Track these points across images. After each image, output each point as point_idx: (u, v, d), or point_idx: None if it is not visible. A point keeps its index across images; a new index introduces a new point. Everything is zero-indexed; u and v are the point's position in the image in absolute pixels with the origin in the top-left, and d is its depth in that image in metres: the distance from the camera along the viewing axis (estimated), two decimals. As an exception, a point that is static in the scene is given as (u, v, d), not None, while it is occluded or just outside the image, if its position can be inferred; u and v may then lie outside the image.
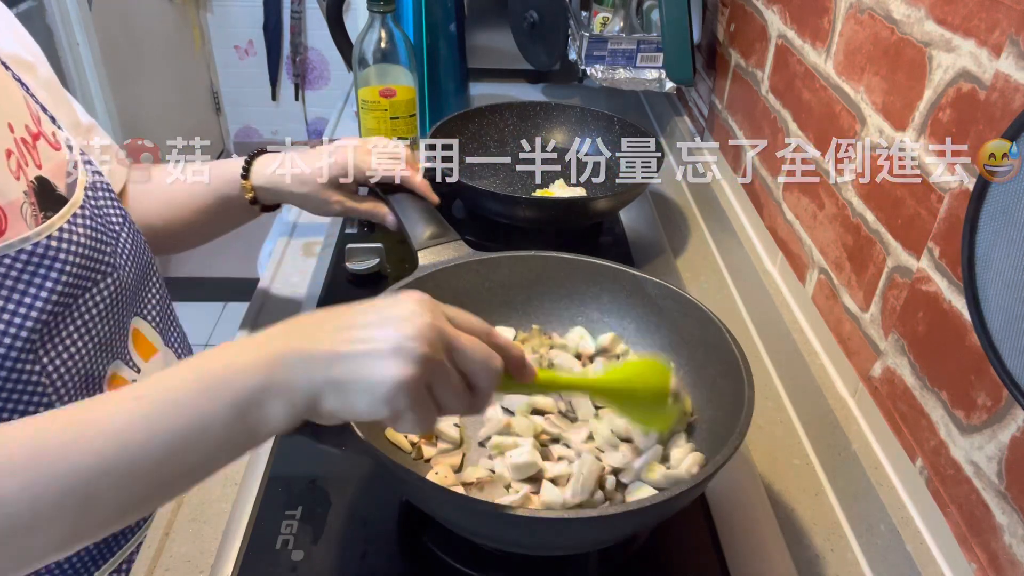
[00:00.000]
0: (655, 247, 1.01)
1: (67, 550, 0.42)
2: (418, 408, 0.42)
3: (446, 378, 0.43)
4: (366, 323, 0.43)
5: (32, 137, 0.59)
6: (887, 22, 0.64)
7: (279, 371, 0.42)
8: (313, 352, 0.42)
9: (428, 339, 0.42)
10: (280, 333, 0.44)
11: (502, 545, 0.56)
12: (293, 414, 0.42)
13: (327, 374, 0.42)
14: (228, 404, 0.41)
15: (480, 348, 0.45)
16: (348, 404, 0.42)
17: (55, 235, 0.57)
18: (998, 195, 0.44)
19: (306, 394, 0.42)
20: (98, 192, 0.64)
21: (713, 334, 0.63)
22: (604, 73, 1.17)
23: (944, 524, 0.54)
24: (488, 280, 0.73)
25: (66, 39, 2.13)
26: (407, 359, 0.41)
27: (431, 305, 0.44)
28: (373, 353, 0.41)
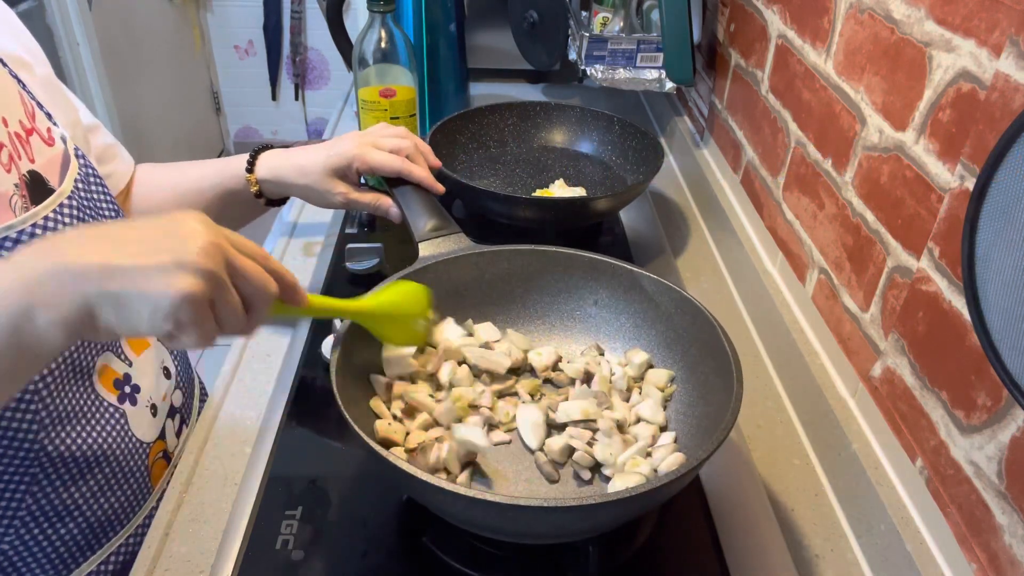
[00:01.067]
0: (655, 247, 1.01)
1: None
2: (200, 324, 0.43)
3: (227, 296, 0.44)
4: (145, 238, 0.43)
5: (26, 132, 0.59)
6: (887, 22, 0.64)
7: (46, 286, 0.41)
8: (84, 264, 0.41)
9: (212, 256, 0.42)
10: (42, 249, 0.43)
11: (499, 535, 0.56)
12: (68, 330, 0.41)
13: (102, 286, 0.41)
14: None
15: (259, 271, 0.46)
16: (127, 318, 0.42)
17: (40, 223, 0.57)
18: (998, 195, 0.44)
19: (78, 308, 0.41)
20: (91, 185, 0.65)
21: (707, 331, 0.63)
22: (604, 73, 1.17)
23: (944, 524, 0.54)
24: (487, 273, 0.73)
25: (66, 39, 2.13)
26: (192, 273, 0.41)
27: (212, 225, 0.45)
28: (156, 266, 0.41)
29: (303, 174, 0.79)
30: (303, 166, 0.79)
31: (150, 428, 0.68)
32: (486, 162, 1.09)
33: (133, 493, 0.67)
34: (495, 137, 1.11)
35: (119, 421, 0.64)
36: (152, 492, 0.70)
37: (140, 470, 0.67)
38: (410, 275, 0.68)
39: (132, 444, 0.65)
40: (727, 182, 1.05)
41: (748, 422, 0.74)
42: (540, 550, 0.59)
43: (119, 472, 0.64)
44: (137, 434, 0.66)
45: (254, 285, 0.46)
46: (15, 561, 0.60)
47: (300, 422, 0.71)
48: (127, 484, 0.65)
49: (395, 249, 0.93)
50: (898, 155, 0.62)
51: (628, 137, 1.07)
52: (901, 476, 0.61)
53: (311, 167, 0.78)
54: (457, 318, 0.73)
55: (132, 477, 0.66)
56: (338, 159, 0.78)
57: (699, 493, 0.65)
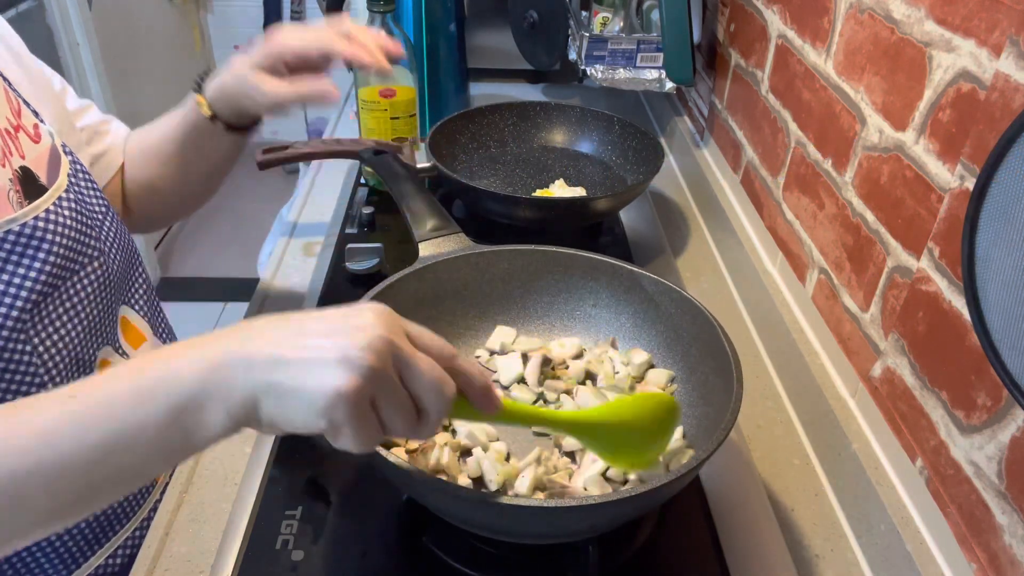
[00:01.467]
0: (655, 247, 1.01)
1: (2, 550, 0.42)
2: (358, 423, 0.40)
3: (393, 396, 0.41)
4: (317, 330, 0.41)
5: (14, 128, 0.60)
6: (887, 22, 0.64)
7: (218, 373, 0.40)
8: (256, 355, 0.40)
9: (378, 351, 0.39)
10: (226, 335, 0.42)
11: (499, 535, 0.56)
12: (230, 419, 0.40)
13: (267, 378, 0.39)
14: (162, 407, 0.39)
15: (434, 370, 0.42)
16: (285, 412, 0.40)
17: (42, 216, 0.58)
18: (998, 195, 0.44)
19: (244, 398, 0.40)
20: (80, 181, 0.65)
21: (707, 331, 0.63)
22: (604, 73, 1.17)
23: (944, 524, 0.54)
24: (487, 273, 0.73)
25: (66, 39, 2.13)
26: (351, 369, 0.39)
27: (390, 318, 0.42)
28: (317, 360, 0.39)
29: (236, 76, 0.73)
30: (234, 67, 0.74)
31: None
32: (486, 162, 1.09)
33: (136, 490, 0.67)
34: (495, 137, 1.11)
35: None
36: (156, 485, 0.70)
37: None
38: (410, 275, 0.68)
39: None
40: (727, 182, 1.05)
41: (748, 422, 0.74)
42: (540, 550, 0.59)
43: None
44: None
45: (427, 385, 0.42)
46: (24, 557, 0.60)
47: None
48: None
49: (395, 249, 0.93)
50: (898, 155, 0.62)
51: (628, 137, 1.07)
52: (901, 476, 0.61)
53: (240, 65, 0.73)
54: (457, 318, 0.73)
55: None
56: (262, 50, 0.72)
57: (699, 493, 0.65)
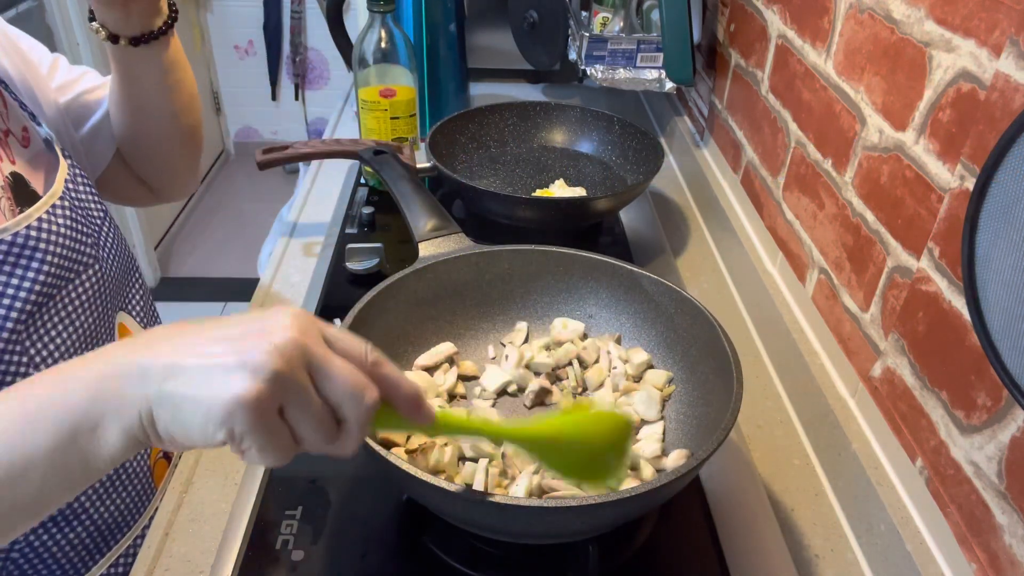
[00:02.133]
0: (655, 247, 1.01)
1: None
2: (263, 434, 0.36)
3: (304, 403, 0.37)
4: (222, 336, 0.37)
5: (3, 134, 0.59)
6: (887, 22, 0.64)
7: (109, 386, 0.36)
8: (151, 362, 0.36)
9: (285, 355, 0.36)
10: (121, 345, 0.39)
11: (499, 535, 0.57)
12: (127, 436, 0.36)
13: (161, 387, 0.36)
14: (52, 430, 0.36)
15: (351, 375, 0.38)
16: (181, 424, 0.36)
17: (34, 225, 0.57)
18: (998, 195, 0.44)
19: (139, 410, 0.36)
20: (79, 186, 0.65)
21: (707, 331, 0.63)
22: (604, 73, 1.17)
23: (944, 524, 0.54)
24: (487, 273, 0.73)
25: (66, 39, 2.13)
26: (253, 374, 0.35)
27: (305, 321, 0.38)
28: (217, 366, 0.35)
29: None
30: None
31: None
32: (486, 162, 1.09)
33: (138, 494, 0.67)
34: (495, 137, 1.11)
35: None
36: (156, 492, 0.70)
37: (143, 470, 0.67)
38: (410, 274, 0.68)
39: None
40: (727, 182, 1.05)
41: (748, 422, 0.74)
42: (540, 550, 0.59)
43: (123, 473, 0.64)
44: None
45: (343, 391, 0.37)
46: (25, 568, 0.59)
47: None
48: (131, 485, 0.66)
49: (395, 249, 0.93)
50: (898, 155, 0.62)
51: (628, 137, 1.07)
52: (901, 476, 0.61)
53: None
54: (457, 318, 0.73)
55: (136, 478, 0.66)
56: None
57: (699, 493, 0.65)
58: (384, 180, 0.85)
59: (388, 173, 0.85)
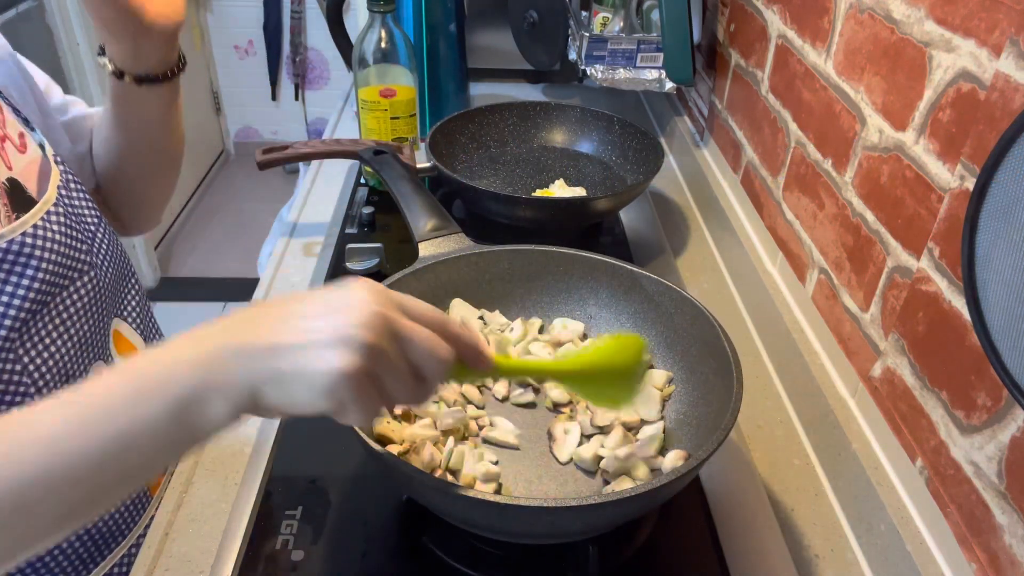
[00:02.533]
0: (655, 247, 1.01)
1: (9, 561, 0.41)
2: (362, 399, 0.41)
3: (392, 368, 0.42)
4: (310, 313, 0.41)
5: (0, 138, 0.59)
6: (887, 22, 0.64)
7: (216, 366, 0.40)
8: (253, 344, 0.40)
9: (374, 327, 0.40)
10: (220, 328, 0.42)
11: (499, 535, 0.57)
12: (234, 410, 0.40)
13: (267, 366, 0.40)
14: (163, 406, 0.39)
15: (429, 337, 0.43)
16: (288, 396, 0.40)
17: (30, 232, 0.57)
18: (998, 195, 0.44)
19: (246, 388, 0.40)
20: (72, 192, 0.65)
21: (707, 331, 0.63)
22: (604, 73, 1.17)
23: (944, 524, 0.54)
24: (487, 273, 0.73)
25: (66, 39, 2.13)
26: (350, 348, 0.39)
27: (380, 293, 0.43)
28: (315, 343, 0.40)
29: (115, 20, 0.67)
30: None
31: None
32: (486, 162, 1.09)
33: (133, 502, 0.67)
34: (495, 137, 1.11)
35: None
36: (151, 500, 0.70)
37: None
38: (410, 275, 0.68)
39: None
40: (727, 182, 1.05)
41: (748, 422, 0.74)
42: (540, 550, 0.59)
43: None
44: None
45: (424, 353, 0.43)
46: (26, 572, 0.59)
47: (300, 422, 0.71)
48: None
49: (395, 249, 0.93)
50: (898, 155, 0.62)
51: (628, 137, 1.07)
52: (901, 476, 0.60)
53: None
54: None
55: None
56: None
57: (699, 493, 0.65)
58: (384, 180, 0.85)
59: (388, 173, 0.85)
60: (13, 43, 0.70)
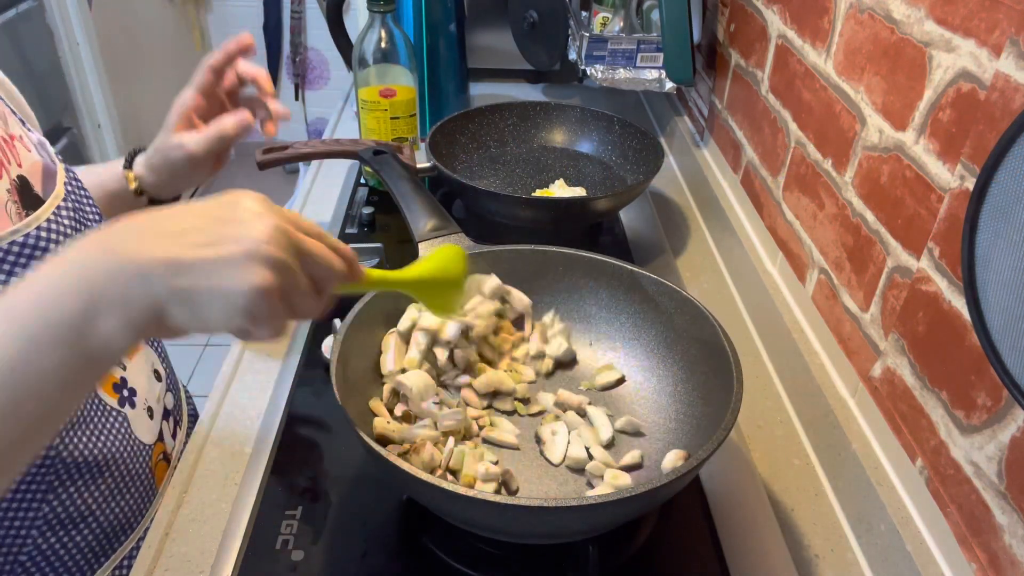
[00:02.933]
0: (655, 247, 1.01)
1: None
2: (273, 315, 0.40)
3: (298, 283, 0.41)
4: (204, 226, 0.39)
5: (9, 137, 0.59)
6: (887, 22, 0.64)
7: (108, 288, 0.38)
8: (149, 261, 0.38)
9: (280, 243, 0.40)
10: (99, 245, 0.39)
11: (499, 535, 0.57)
12: (133, 331, 0.39)
13: (170, 284, 0.38)
14: (55, 344, 0.37)
15: (325, 251, 0.43)
16: (199, 316, 0.39)
17: (43, 226, 0.58)
18: (998, 195, 0.44)
19: (146, 308, 0.38)
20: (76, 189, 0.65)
21: (707, 331, 0.63)
22: (604, 73, 1.17)
23: (944, 524, 0.54)
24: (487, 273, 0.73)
25: (66, 39, 2.13)
26: (263, 264, 0.38)
27: (271, 206, 0.42)
28: (225, 259, 0.38)
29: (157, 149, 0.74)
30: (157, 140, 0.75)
31: (149, 430, 0.68)
32: (486, 162, 1.09)
33: (140, 496, 0.67)
34: (495, 137, 1.11)
35: (122, 424, 0.64)
36: (157, 495, 0.70)
37: (145, 472, 0.67)
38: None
39: (136, 447, 0.65)
40: (727, 182, 1.05)
41: (748, 422, 0.74)
42: (540, 550, 0.59)
43: (126, 475, 0.64)
44: (139, 436, 0.66)
45: (322, 266, 0.43)
46: (32, 572, 0.59)
47: (300, 422, 0.71)
48: (134, 487, 0.66)
49: (395, 249, 0.93)
50: (898, 155, 0.62)
51: (628, 137, 1.07)
52: (901, 476, 0.60)
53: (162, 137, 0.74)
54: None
55: (138, 480, 0.66)
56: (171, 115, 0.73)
57: (699, 493, 0.65)
58: (384, 180, 0.84)
59: (388, 173, 0.85)
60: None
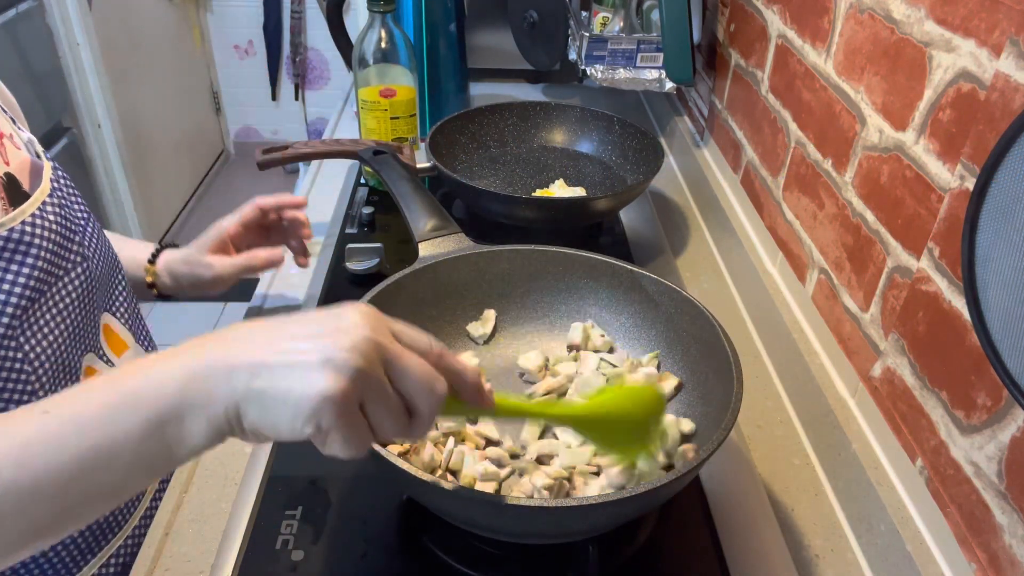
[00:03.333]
0: (655, 247, 1.01)
1: None
2: (347, 427, 0.38)
3: (381, 397, 0.39)
4: (300, 334, 0.39)
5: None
6: (887, 22, 0.64)
7: (198, 383, 0.38)
8: (237, 362, 0.38)
9: (364, 352, 0.38)
10: (205, 343, 0.40)
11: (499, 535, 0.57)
12: (213, 430, 0.39)
13: (249, 385, 0.38)
14: (141, 421, 0.38)
15: (423, 369, 0.41)
16: (269, 418, 0.38)
17: (28, 220, 0.58)
18: (998, 195, 0.44)
19: (226, 408, 0.38)
20: (63, 187, 0.66)
21: (707, 331, 0.63)
22: (604, 73, 1.17)
23: (944, 524, 0.54)
24: (487, 273, 0.73)
25: (66, 39, 2.13)
26: (337, 371, 0.37)
27: (375, 318, 0.41)
28: (301, 364, 0.38)
29: (186, 262, 0.79)
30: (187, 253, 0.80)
31: None
32: (486, 162, 1.09)
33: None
34: (495, 137, 1.11)
35: None
36: (146, 493, 0.70)
37: None
38: (410, 275, 0.68)
39: None
40: (727, 182, 1.05)
41: (748, 422, 0.74)
42: (540, 550, 0.59)
43: None
44: None
45: (417, 384, 0.40)
46: (18, 569, 0.60)
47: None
48: None
49: (395, 249, 0.93)
50: (898, 155, 0.62)
51: (628, 137, 1.07)
52: (901, 476, 0.61)
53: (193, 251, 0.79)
54: (457, 318, 0.73)
55: None
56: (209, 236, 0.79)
57: (699, 493, 0.65)
58: (384, 180, 0.84)
59: (388, 173, 0.85)
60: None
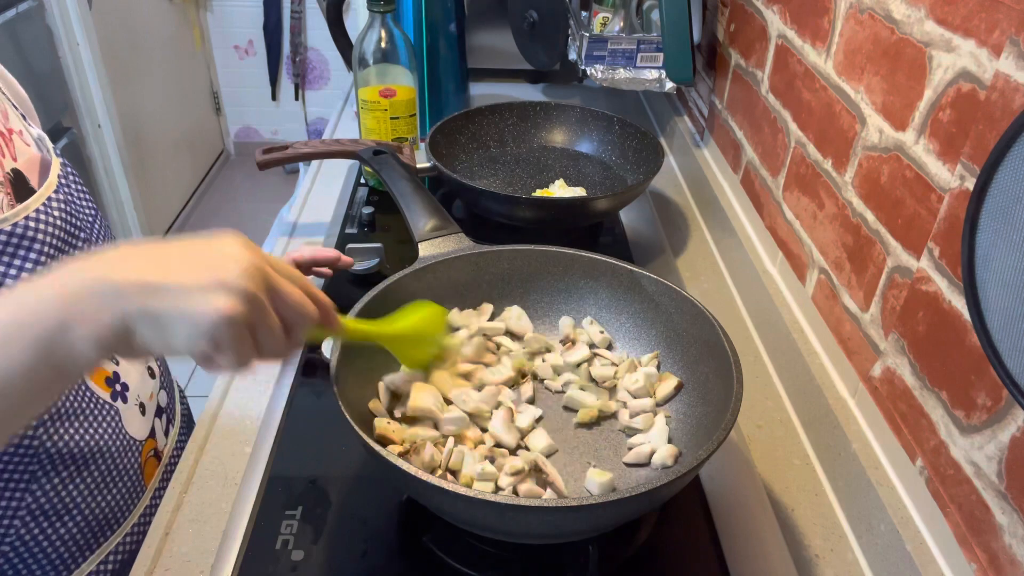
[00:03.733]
0: (655, 247, 1.01)
1: None
2: (238, 346, 0.42)
3: (267, 319, 0.43)
4: (186, 257, 0.42)
5: (8, 132, 0.60)
6: (887, 22, 0.64)
7: (81, 303, 0.40)
8: (124, 281, 0.40)
9: (253, 277, 0.42)
10: (80, 266, 0.42)
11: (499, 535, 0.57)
12: (102, 348, 0.41)
13: (141, 304, 0.40)
14: (26, 348, 0.39)
15: (299, 295, 0.46)
16: (164, 337, 0.41)
17: (32, 216, 0.58)
18: (998, 195, 0.44)
19: (116, 326, 0.40)
20: (71, 182, 0.66)
21: (707, 331, 0.63)
22: (604, 73, 1.17)
23: (944, 524, 0.54)
24: (487, 273, 0.73)
25: (66, 39, 2.13)
26: (233, 294, 0.41)
27: (254, 248, 0.44)
28: (196, 286, 0.41)
29: None
30: None
31: (141, 426, 0.68)
32: (486, 162, 1.09)
33: (128, 491, 0.67)
34: (495, 137, 1.11)
35: (113, 418, 0.64)
36: (145, 491, 0.70)
37: (133, 467, 0.67)
38: (410, 275, 0.68)
39: (126, 441, 0.65)
40: (727, 182, 1.05)
41: (748, 422, 0.74)
42: (540, 550, 0.59)
43: (114, 469, 0.64)
44: (130, 431, 0.66)
45: (294, 308, 0.45)
46: (16, 563, 0.60)
47: (300, 422, 0.71)
48: (122, 482, 0.66)
49: (395, 249, 0.93)
50: (898, 155, 0.62)
51: (628, 137, 1.07)
52: (901, 476, 0.61)
53: None
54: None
55: (126, 474, 0.66)
56: None
57: (699, 493, 0.65)
58: (384, 180, 0.85)
59: (388, 173, 0.85)
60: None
